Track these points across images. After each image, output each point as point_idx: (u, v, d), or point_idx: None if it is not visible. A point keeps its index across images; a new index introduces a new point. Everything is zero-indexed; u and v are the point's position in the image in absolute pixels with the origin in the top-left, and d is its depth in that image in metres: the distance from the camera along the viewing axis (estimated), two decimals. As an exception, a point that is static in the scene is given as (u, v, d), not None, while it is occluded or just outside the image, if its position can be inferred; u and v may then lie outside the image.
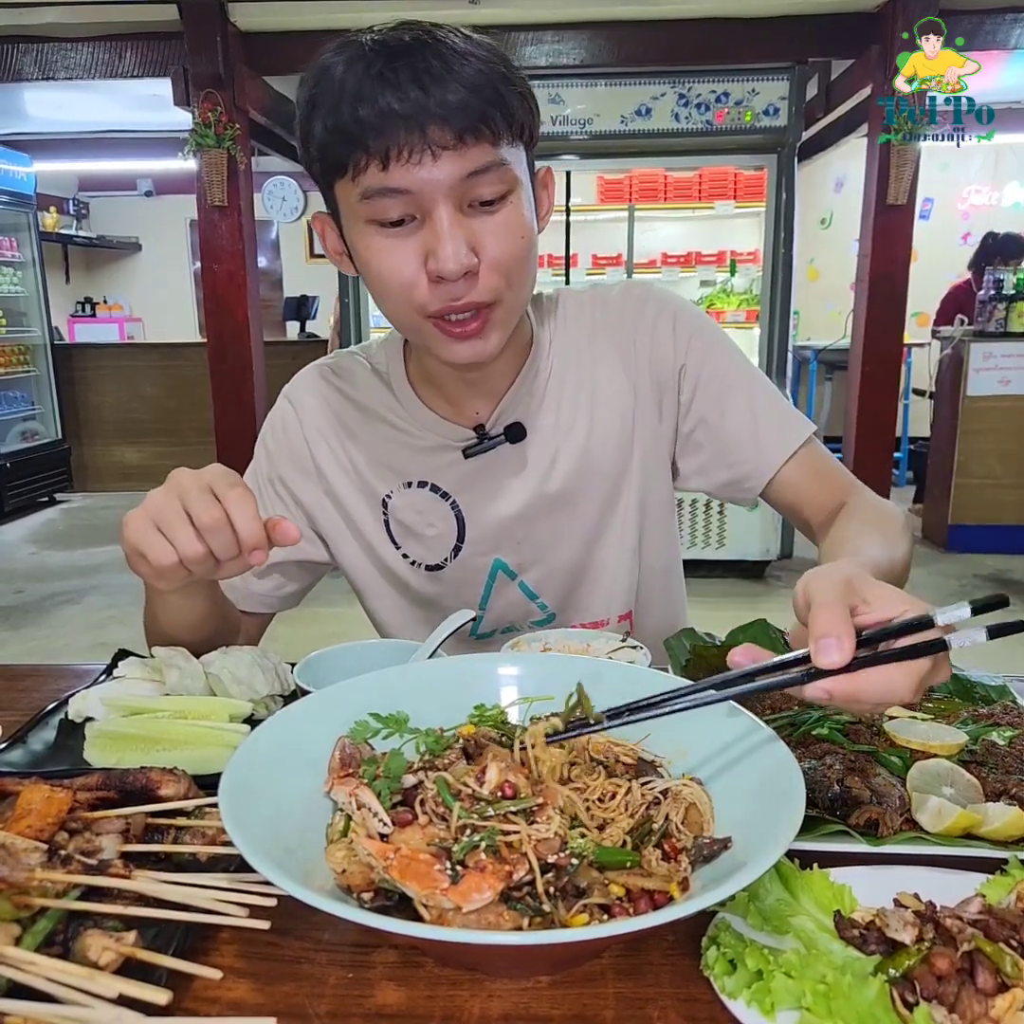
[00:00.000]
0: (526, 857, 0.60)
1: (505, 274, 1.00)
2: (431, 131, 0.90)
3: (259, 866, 0.56)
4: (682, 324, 1.22)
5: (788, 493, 1.21)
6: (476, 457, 1.19)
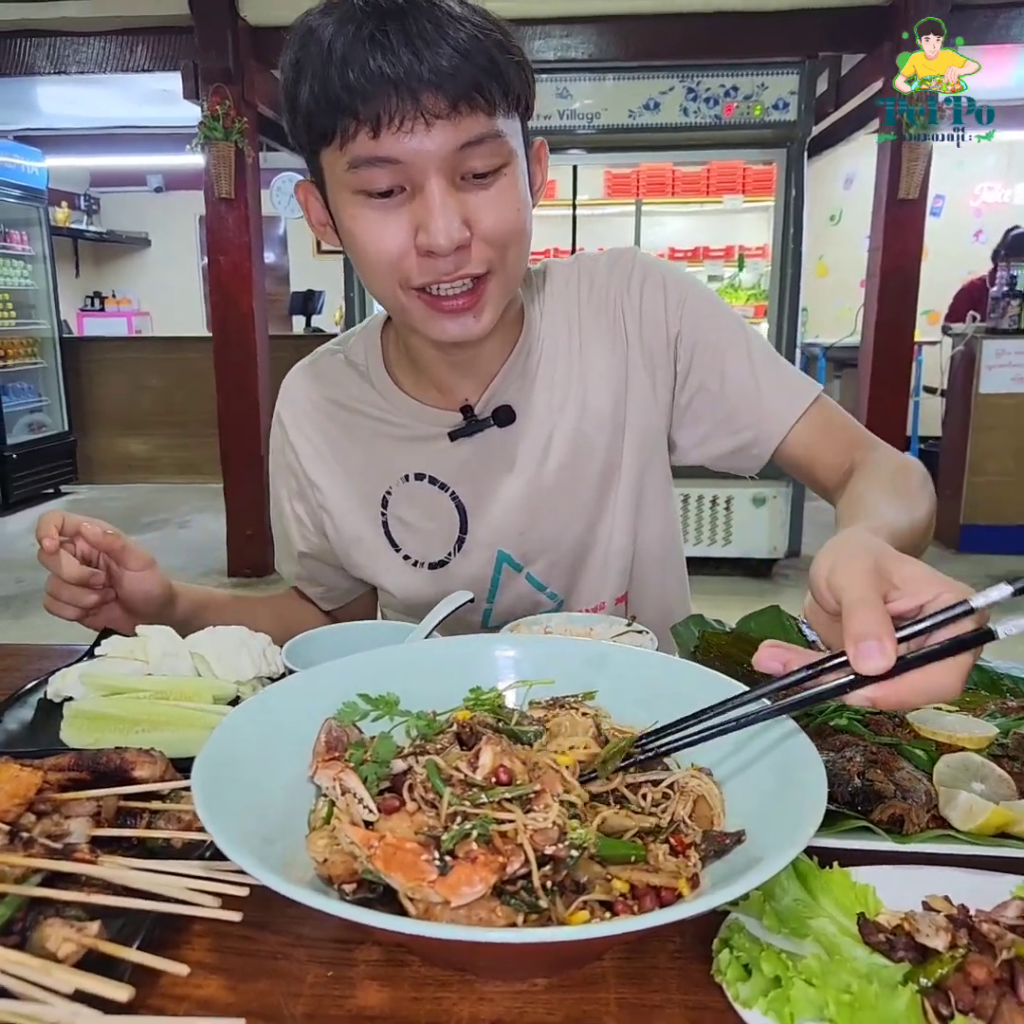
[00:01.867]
0: (521, 848, 0.55)
1: (499, 247, 0.96)
2: (424, 98, 0.85)
3: (230, 852, 0.52)
4: (672, 290, 1.16)
5: (799, 455, 1.15)
6: (470, 444, 1.15)
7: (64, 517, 1.06)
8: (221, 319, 5.16)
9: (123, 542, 1.10)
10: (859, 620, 0.57)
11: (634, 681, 0.81)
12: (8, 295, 7.16)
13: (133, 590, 1.11)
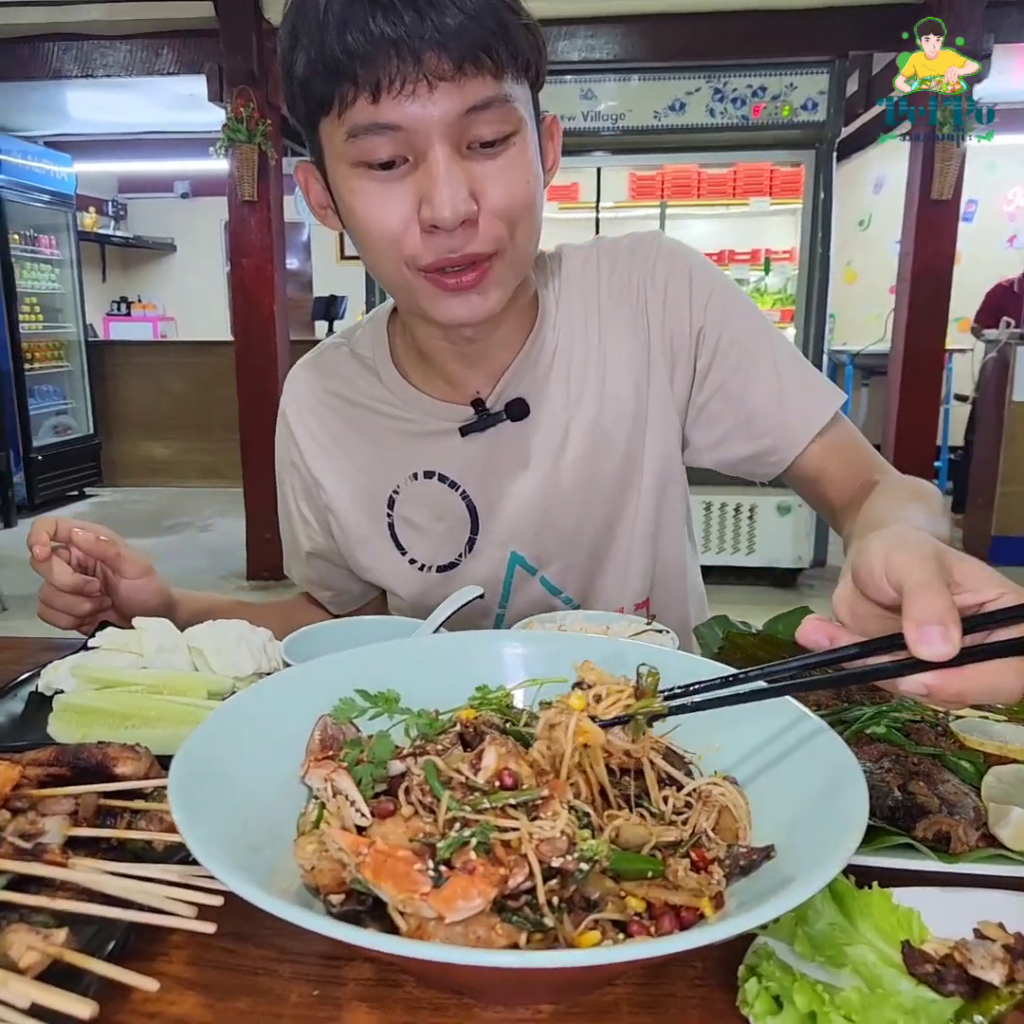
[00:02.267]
0: (526, 859, 0.50)
1: (508, 222, 0.89)
2: (427, 58, 0.79)
3: (203, 857, 0.47)
4: (699, 282, 1.09)
5: (812, 469, 1.09)
6: (482, 440, 1.09)
7: (57, 523, 1.03)
8: (243, 322, 5.16)
9: (118, 549, 1.06)
10: (923, 603, 0.53)
11: (654, 681, 0.75)
12: (36, 298, 7.22)
13: (130, 598, 1.08)
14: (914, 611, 0.53)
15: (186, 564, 5.68)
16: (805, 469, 1.09)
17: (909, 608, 0.53)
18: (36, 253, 7.28)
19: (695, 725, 0.69)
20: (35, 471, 6.95)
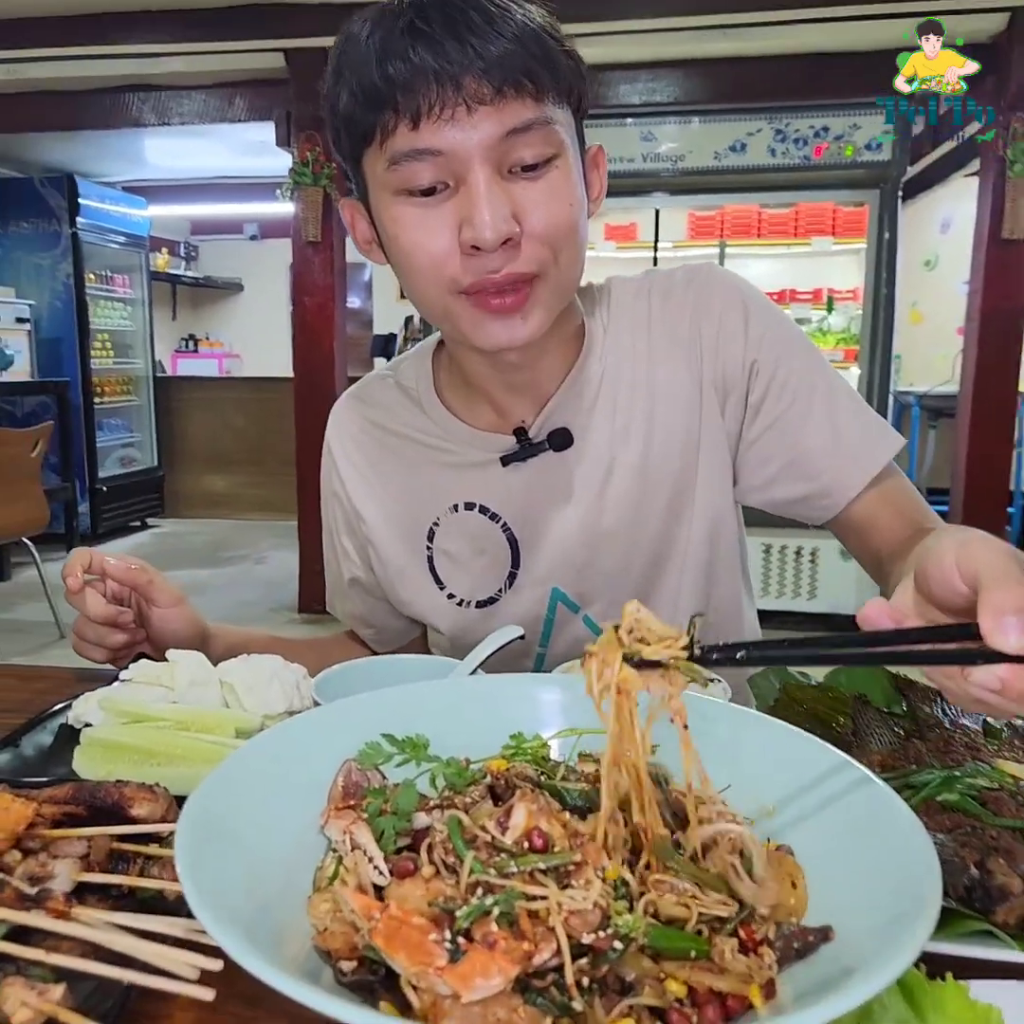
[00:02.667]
0: (553, 933, 0.45)
1: (552, 245, 0.87)
2: (467, 83, 0.80)
3: (204, 919, 0.43)
4: (755, 316, 1.05)
5: (864, 516, 1.03)
6: (524, 471, 1.06)
7: (92, 555, 1.04)
8: (303, 360, 5.24)
9: (150, 576, 1.06)
10: (1003, 593, 0.51)
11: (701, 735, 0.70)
12: (107, 335, 7.46)
13: (162, 628, 1.06)
14: (992, 600, 0.51)
15: (240, 596, 5.74)
16: (857, 516, 1.04)
17: (987, 597, 0.52)
18: (110, 292, 7.53)
19: (747, 787, 0.64)
20: (100, 501, 7.11)
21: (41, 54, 4.86)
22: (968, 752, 0.80)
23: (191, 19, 4.68)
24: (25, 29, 4.73)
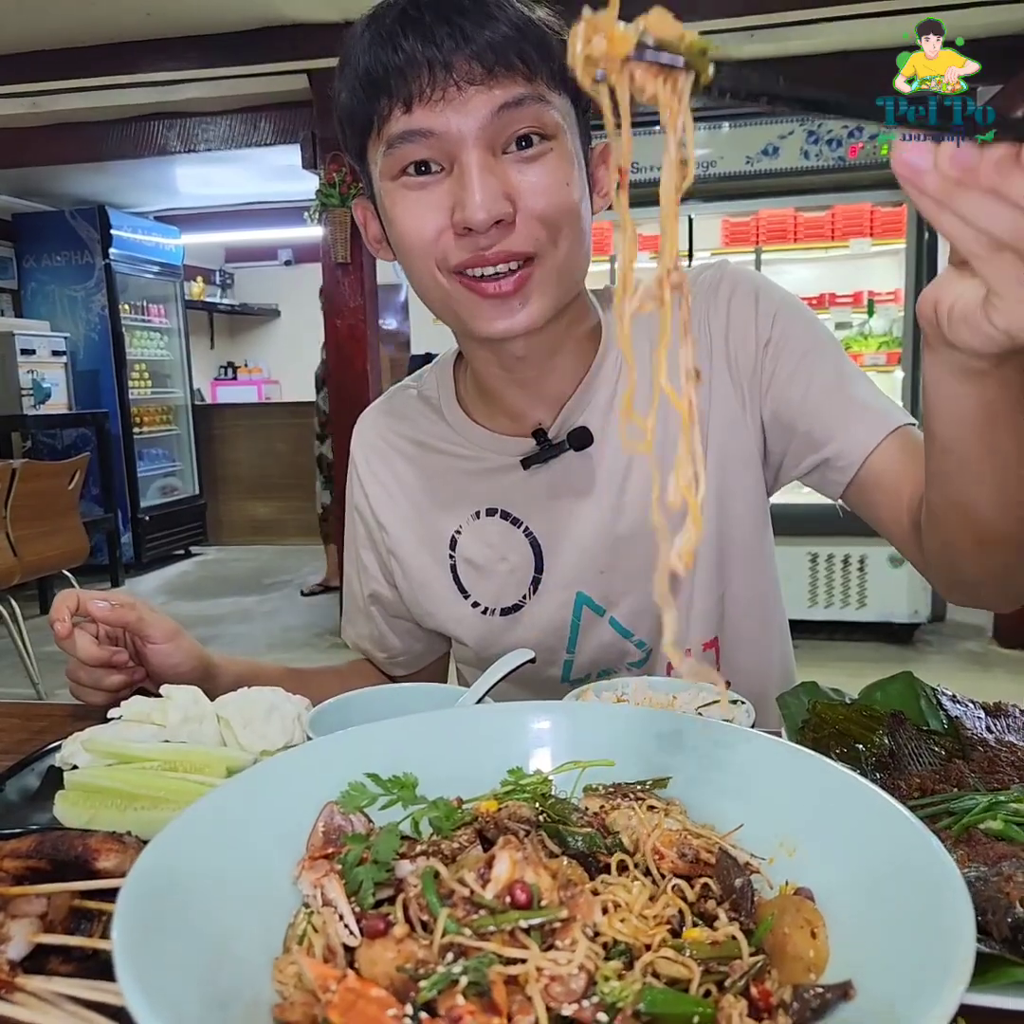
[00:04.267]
0: (531, 1003, 0.40)
1: (549, 226, 0.87)
2: (458, 66, 0.81)
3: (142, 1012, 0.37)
4: (765, 299, 1.04)
5: (884, 468, 0.97)
6: (544, 473, 1.05)
7: (78, 597, 1.01)
8: (337, 382, 5.26)
9: (138, 613, 1.02)
10: None
11: (720, 766, 0.64)
12: (145, 365, 7.58)
13: (160, 664, 1.03)
14: None
15: (285, 622, 5.76)
16: (877, 471, 0.97)
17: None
18: (146, 322, 7.66)
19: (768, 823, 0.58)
20: (142, 531, 7.21)
21: (63, 86, 4.91)
22: (1015, 772, 0.75)
23: (212, 44, 4.71)
24: (46, 61, 4.78)
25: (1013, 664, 4.48)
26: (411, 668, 1.23)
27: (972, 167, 0.48)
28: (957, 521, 0.81)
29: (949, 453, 0.74)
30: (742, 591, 1.10)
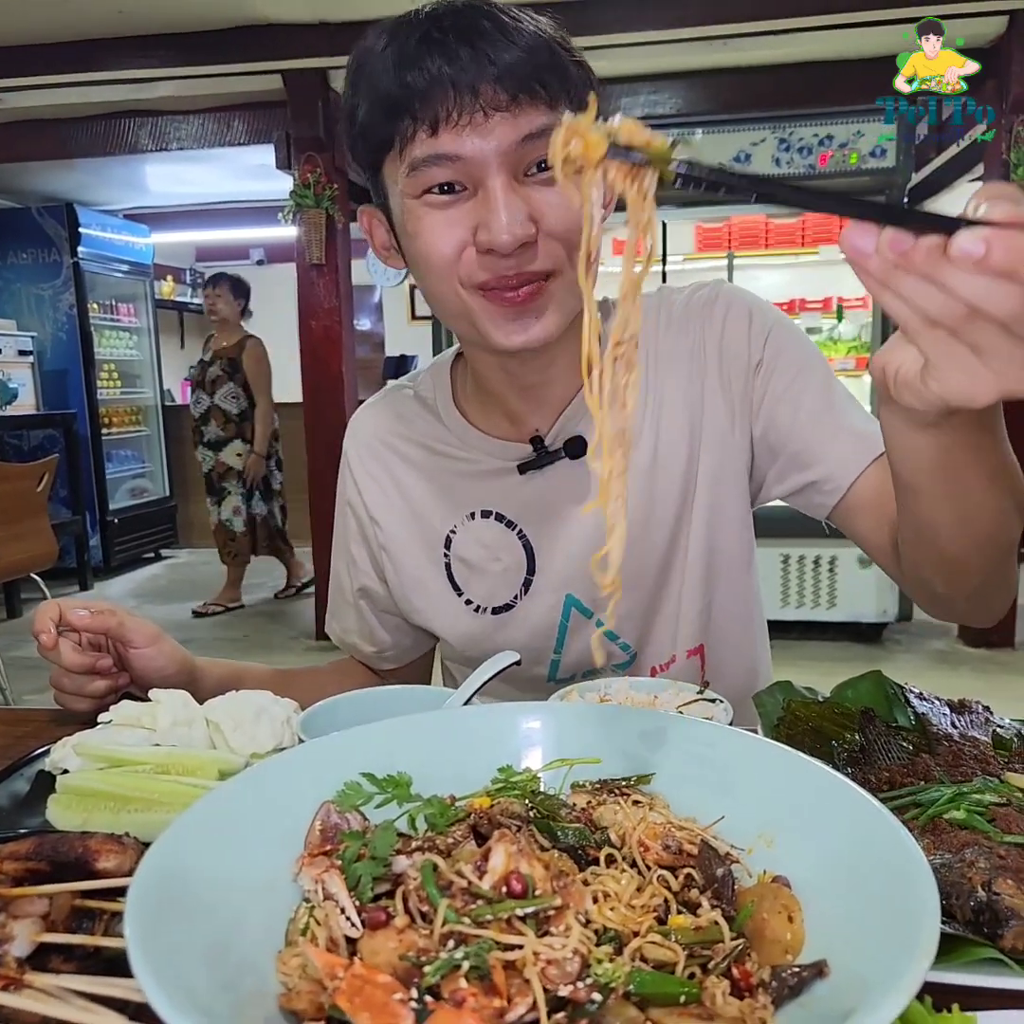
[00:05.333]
0: (529, 985, 0.42)
1: (567, 244, 0.89)
2: (483, 91, 0.83)
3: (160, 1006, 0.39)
4: (758, 320, 1.08)
5: (871, 491, 1.01)
6: (540, 479, 1.08)
7: (60, 607, 1.03)
8: (312, 384, 5.24)
9: (119, 618, 1.04)
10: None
11: (700, 762, 0.67)
12: (114, 365, 7.49)
13: (144, 668, 1.05)
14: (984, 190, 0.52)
15: (258, 625, 5.73)
16: (865, 493, 1.02)
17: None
18: (115, 321, 7.57)
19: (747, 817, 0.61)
20: (111, 534, 7.12)
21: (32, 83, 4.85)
22: (978, 765, 0.79)
23: (185, 42, 4.68)
24: (15, 58, 4.72)
25: (978, 662, 4.57)
26: (399, 662, 1.25)
27: (907, 253, 0.53)
28: (925, 549, 0.86)
29: (911, 490, 0.79)
30: (728, 599, 1.14)
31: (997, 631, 4.69)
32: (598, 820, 0.62)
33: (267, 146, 5.15)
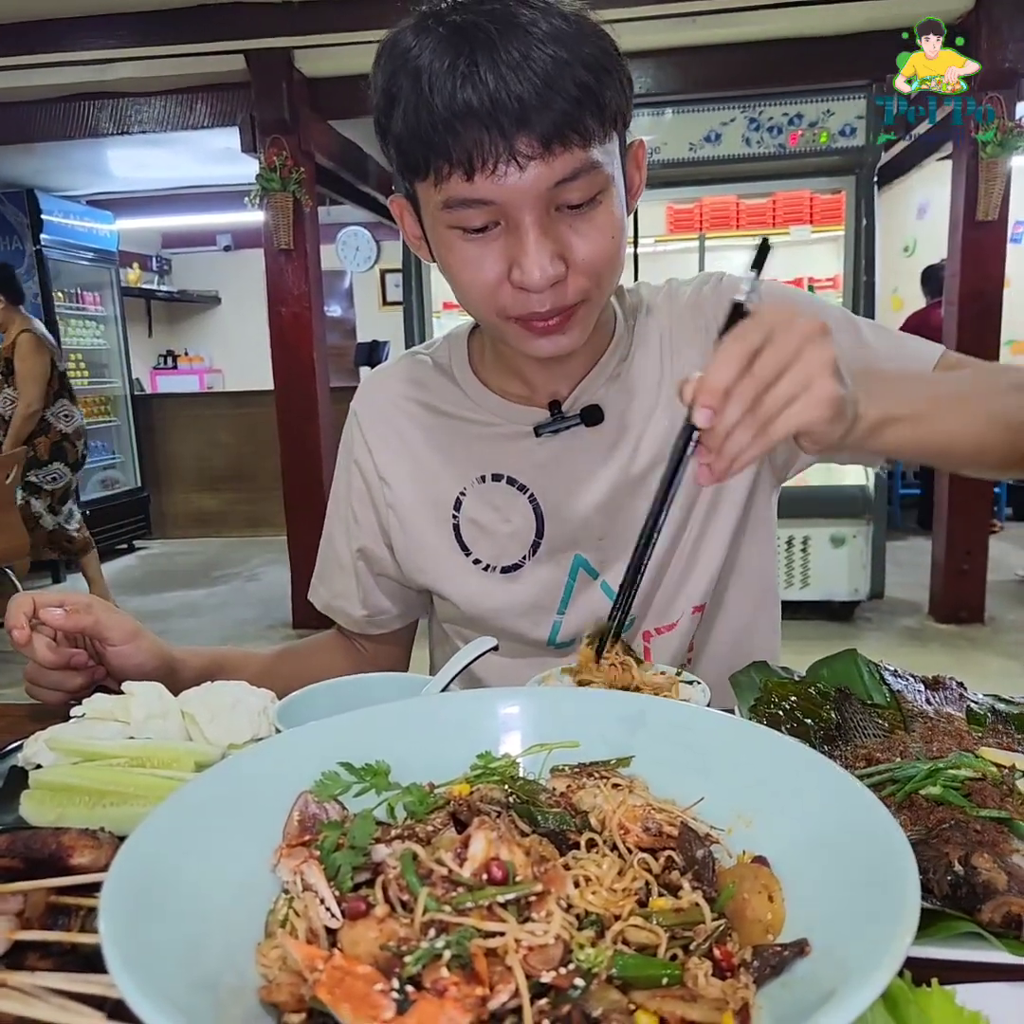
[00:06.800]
0: (512, 972, 0.42)
1: (594, 276, 0.93)
2: (517, 141, 0.83)
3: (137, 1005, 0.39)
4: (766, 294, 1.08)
5: None
6: (554, 444, 1.11)
7: (33, 601, 1.01)
8: (283, 371, 5.19)
9: (94, 616, 1.02)
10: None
11: (678, 743, 0.67)
12: (81, 355, 7.37)
13: (122, 665, 1.03)
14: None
15: (235, 615, 5.69)
16: None
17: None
18: (81, 310, 7.44)
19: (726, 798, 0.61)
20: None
21: (-14, 64, 4.72)
22: (952, 741, 0.80)
23: (145, 22, 4.58)
24: (-31, 39, 4.60)
25: (948, 638, 4.63)
26: (385, 628, 1.25)
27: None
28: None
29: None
30: (746, 563, 1.18)
31: (967, 607, 4.76)
32: (578, 804, 0.62)
33: (232, 129, 5.05)
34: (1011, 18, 4.22)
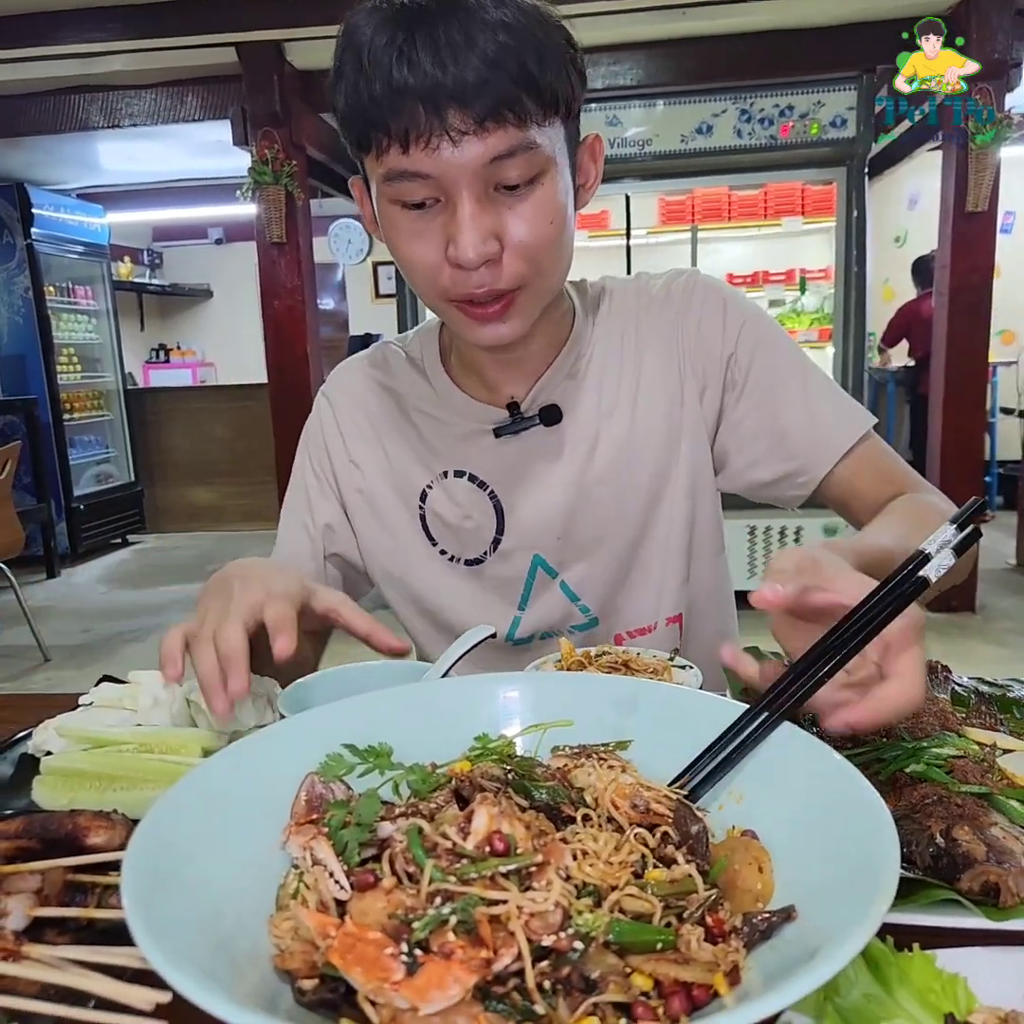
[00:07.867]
0: (514, 937, 0.45)
1: (531, 260, 0.93)
2: (449, 115, 0.84)
3: (157, 962, 0.41)
4: (733, 312, 1.13)
5: (842, 489, 1.10)
6: (514, 444, 1.13)
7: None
8: (276, 364, 5.19)
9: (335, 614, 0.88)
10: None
11: (671, 726, 0.70)
12: (73, 349, 7.33)
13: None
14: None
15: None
16: (835, 488, 1.10)
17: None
18: (73, 304, 7.41)
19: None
20: (77, 520, 7.01)
21: (-25, 58, 4.69)
22: (937, 721, 0.82)
23: (134, 15, 4.54)
24: (-44, 33, 4.56)
25: (939, 626, 4.67)
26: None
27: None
28: None
29: None
30: (704, 571, 1.20)
31: (958, 596, 4.80)
32: (573, 781, 0.64)
33: (223, 122, 5.03)
34: (1000, 9, 4.23)
